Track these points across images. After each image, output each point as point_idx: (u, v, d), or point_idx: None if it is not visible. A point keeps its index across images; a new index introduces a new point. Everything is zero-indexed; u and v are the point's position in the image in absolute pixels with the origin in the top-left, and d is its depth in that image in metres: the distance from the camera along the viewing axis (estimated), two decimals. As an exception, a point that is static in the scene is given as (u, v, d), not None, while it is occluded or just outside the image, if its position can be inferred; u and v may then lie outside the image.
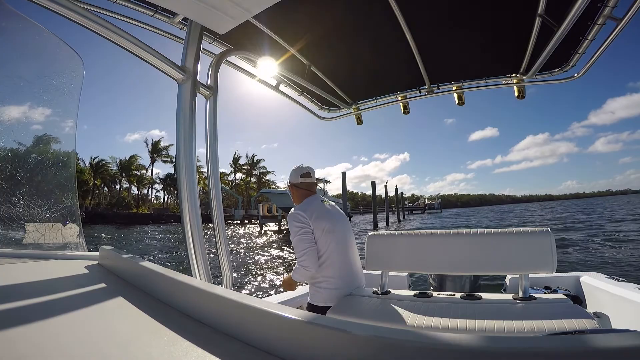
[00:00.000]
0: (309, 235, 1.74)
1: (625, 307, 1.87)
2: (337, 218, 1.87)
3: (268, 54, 1.85)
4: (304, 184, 1.93)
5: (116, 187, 56.04)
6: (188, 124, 1.19)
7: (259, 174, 66.72)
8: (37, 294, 0.80)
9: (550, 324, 1.20)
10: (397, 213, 45.66)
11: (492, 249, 1.60)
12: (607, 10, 1.37)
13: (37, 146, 1.59)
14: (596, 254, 9.04)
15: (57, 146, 1.66)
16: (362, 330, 0.45)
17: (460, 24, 1.75)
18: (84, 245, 1.52)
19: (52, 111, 1.62)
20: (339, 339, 0.46)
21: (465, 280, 2.40)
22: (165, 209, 54.78)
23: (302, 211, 1.78)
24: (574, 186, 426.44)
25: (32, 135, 1.57)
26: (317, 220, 1.77)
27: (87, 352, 0.52)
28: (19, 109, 1.49)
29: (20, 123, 1.51)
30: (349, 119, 2.69)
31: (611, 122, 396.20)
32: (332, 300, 1.72)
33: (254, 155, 67.48)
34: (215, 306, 0.64)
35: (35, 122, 1.56)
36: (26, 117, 1.52)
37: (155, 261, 5.58)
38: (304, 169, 1.95)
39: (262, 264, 10.56)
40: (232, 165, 65.99)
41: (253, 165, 66.19)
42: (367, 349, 0.44)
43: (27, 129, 1.54)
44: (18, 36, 1.45)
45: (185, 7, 1.09)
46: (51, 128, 1.65)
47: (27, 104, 1.51)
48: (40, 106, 1.55)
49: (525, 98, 2.14)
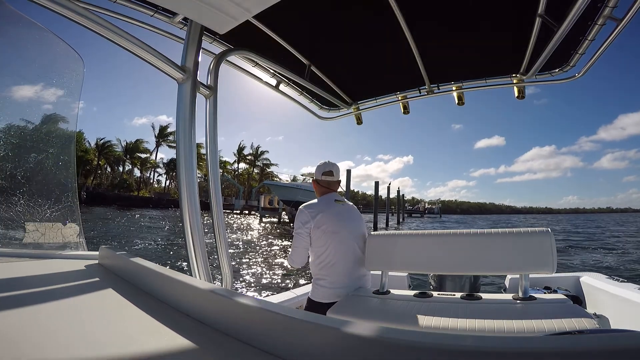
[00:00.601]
0: (304, 236, 1.84)
1: (625, 307, 1.87)
2: (345, 220, 1.91)
3: (268, 53, 1.85)
4: (324, 181, 1.99)
5: (119, 168, 56.58)
6: (188, 124, 1.19)
7: (262, 165, 66.63)
8: (36, 293, 0.80)
9: (550, 324, 1.20)
10: (398, 215, 45.68)
11: (492, 249, 1.60)
12: (607, 10, 1.37)
13: (37, 145, 1.59)
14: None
15: (57, 146, 1.66)
16: (362, 330, 0.45)
17: (460, 24, 1.74)
18: (84, 245, 1.52)
19: (52, 111, 1.62)
20: (339, 339, 0.46)
21: (465, 280, 2.40)
22: (166, 194, 54.87)
23: (309, 209, 1.86)
24: (575, 201, 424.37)
25: (32, 135, 1.57)
26: (321, 219, 1.82)
27: (87, 351, 0.52)
28: (19, 108, 1.49)
29: (20, 123, 1.51)
30: (351, 119, 2.70)
31: (620, 139, 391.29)
32: (329, 298, 1.77)
33: (258, 147, 67.45)
34: (215, 306, 0.64)
35: (35, 122, 1.56)
36: (27, 116, 1.52)
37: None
38: (327, 167, 2.00)
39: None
40: (236, 154, 65.98)
41: (257, 156, 66.12)
42: (367, 349, 0.44)
43: (27, 129, 1.54)
44: (18, 36, 1.45)
45: (185, 7, 1.09)
46: (51, 128, 1.65)
47: (28, 104, 1.51)
48: (41, 106, 1.55)
49: (525, 98, 2.14)
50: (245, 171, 66.45)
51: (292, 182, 34.17)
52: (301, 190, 28.92)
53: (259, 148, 66.98)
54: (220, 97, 1.35)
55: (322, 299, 1.78)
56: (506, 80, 2.14)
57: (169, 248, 11.65)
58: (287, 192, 29.25)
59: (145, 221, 22.87)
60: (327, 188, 1.99)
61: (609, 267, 9.24)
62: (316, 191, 2.04)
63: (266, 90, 2.20)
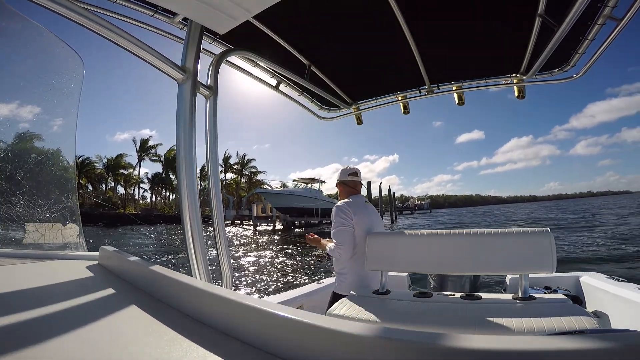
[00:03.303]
0: (350, 229, 1.92)
1: (625, 307, 1.88)
2: (375, 219, 2.04)
3: (268, 53, 1.85)
4: (351, 182, 2.10)
5: (102, 186, 54.92)
6: (188, 124, 1.19)
7: (250, 173, 65.82)
8: (37, 294, 0.81)
9: (550, 324, 1.20)
10: (391, 213, 45.60)
11: (492, 249, 1.60)
12: (607, 10, 1.37)
13: (36, 146, 1.59)
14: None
15: (57, 146, 1.66)
16: (361, 330, 0.45)
17: (460, 24, 1.74)
18: (84, 245, 1.52)
19: (52, 111, 1.62)
20: (338, 339, 0.46)
21: (465, 280, 2.40)
22: (153, 209, 53.64)
23: (348, 206, 1.95)
24: (557, 187, 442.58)
25: (31, 135, 1.57)
26: (359, 216, 1.94)
27: (88, 351, 0.52)
28: (18, 108, 1.49)
29: (19, 123, 1.51)
30: (343, 120, 2.70)
31: (591, 126, 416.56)
32: (357, 291, 1.87)
33: (244, 155, 66.65)
34: (215, 306, 0.65)
35: (34, 123, 1.56)
36: (26, 117, 1.52)
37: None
38: (352, 169, 2.13)
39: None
40: (222, 164, 64.16)
41: (244, 164, 65.20)
42: (367, 349, 0.44)
43: (27, 129, 1.54)
44: (18, 36, 1.45)
45: (185, 7, 1.09)
46: (51, 128, 1.65)
47: (27, 103, 1.51)
48: (41, 106, 1.55)
49: (525, 98, 2.14)
50: (233, 181, 65.01)
51: (285, 189, 33.88)
52: (295, 196, 28.85)
53: (245, 156, 66.07)
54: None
55: (346, 292, 1.88)
56: (506, 80, 2.14)
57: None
58: (280, 199, 29.02)
59: (142, 238, 22.40)
60: (353, 189, 2.10)
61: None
62: (342, 192, 2.12)
63: (251, 99, 2.26)
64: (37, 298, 0.76)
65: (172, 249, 14.96)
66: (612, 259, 8.23)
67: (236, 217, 44.03)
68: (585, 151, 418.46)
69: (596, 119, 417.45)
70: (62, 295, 0.80)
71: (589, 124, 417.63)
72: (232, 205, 46.71)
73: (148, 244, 18.62)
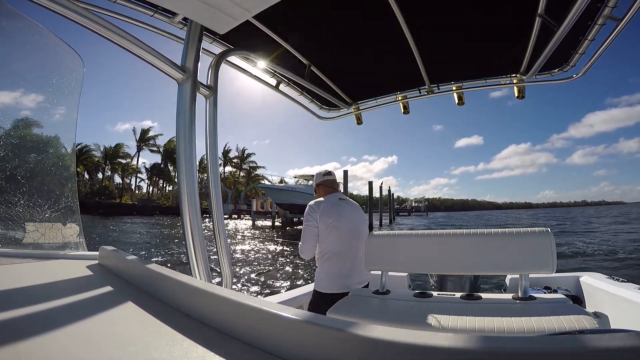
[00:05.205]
0: (313, 229, 2.00)
1: (625, 307, 1.88)
2: (346, 215, 2.07)
3: (268, 53, 1.85)
4: (328, 181, 2.20)
5: (99, 175, 54.65)
6: (188, 124, 1.19)
7: (249, 168, 65.39)
8: (37, 294, 0.80)
9: (550, 324, 1.20)
10: (390, 214, 45.60)
11: (492, 249, 1.60)
12: (607, 10, 1.37)
13: (36, 145, 1.59)
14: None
15: (56, 146, 1.66)
16: (362, 330, 0.45)
17: (460, 24, 1.74)
18: (84, 245, 1.52)
19: (52, 111, 1.62)
20: (338, 339, 0.46)
21: (465, 280, 2.40)
22: (149, 200, 53.25)
23: (316, 205, 2.05)
24: (552, 195, 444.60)
25: (31, 135, 1.57)
26: (324, 214, 2.00)
27: (87, 351, 0.52)
28: (19, 108, 1.49)
29: (19, 123, 1.51)
30: (343, 120, 2.71)
31: (589, 136, 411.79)
32: (331, 289, 1.95)
33: (244, 149, 66.03)
34: (215, 306, 0.65)
35: (35, 122, 1.56)
36: (26, 116, 1.52)
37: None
38: (325, 170, 2.24)
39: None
40: (222, 158, 63.57)
41: (243, 159, 64.79)
42: (367, 349, 0.44)
43: (27, 129, 1.54)
44: (18, 36, 1.44)
45: (185, 7, 1.09)
46: (51, 128, 1.65)
47: (28, 103, 1.51)
48: (41, 106, 1.55)
49: (525, 98, 2.14)
50: (231, 175, 64.70)
51: (287, 184, 33.66)
52: (297, 192, 28.54)
53: (245, 150, 65.66)
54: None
55: (323, 289, 1.96)
56: (506, 80, 2.14)
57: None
58: (282, 194, 28.62)
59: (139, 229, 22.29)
60: (330, 188, 2.18)
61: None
62: (321, 193, 2.19)
63: (252, 95, 2.26)
64: (37, 297, 0.76)
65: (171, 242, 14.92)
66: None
67: (234, 211, 43.81)
68: (581, 160, 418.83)
69: (594, 128, 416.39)
70: (62, 294, 0.80)
71: (587, 133, 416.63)
72: (230, 199, 46.27)
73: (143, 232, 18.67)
